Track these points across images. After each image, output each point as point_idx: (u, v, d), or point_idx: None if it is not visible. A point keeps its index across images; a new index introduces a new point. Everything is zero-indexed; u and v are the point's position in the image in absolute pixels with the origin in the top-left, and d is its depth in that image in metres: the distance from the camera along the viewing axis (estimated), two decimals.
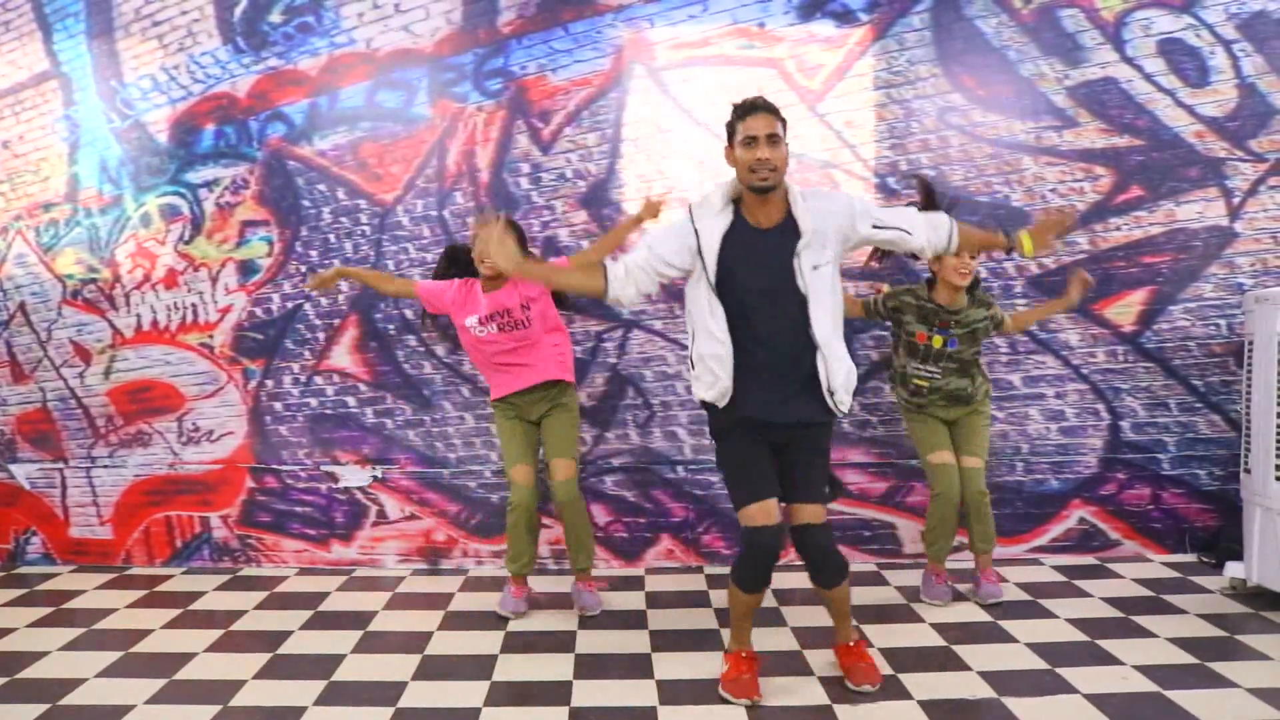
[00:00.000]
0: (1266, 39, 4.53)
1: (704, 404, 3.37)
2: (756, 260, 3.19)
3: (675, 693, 3.35)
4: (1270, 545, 3.96)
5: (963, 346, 4.08)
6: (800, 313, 3.17)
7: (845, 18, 4.66)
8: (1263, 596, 4.07)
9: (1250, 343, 4.13)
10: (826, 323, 3.18)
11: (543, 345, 4.19)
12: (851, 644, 3.43)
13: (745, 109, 3.20)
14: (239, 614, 4.31)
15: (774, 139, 3.15)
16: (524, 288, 4.09)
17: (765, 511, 3.21)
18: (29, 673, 3.68)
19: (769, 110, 3.18)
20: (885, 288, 4.36)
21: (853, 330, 4.56)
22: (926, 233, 3.34)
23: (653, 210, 4.27)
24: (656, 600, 4.33)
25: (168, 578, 4.91)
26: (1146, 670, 3.41)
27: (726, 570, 4.70)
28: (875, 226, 3.27)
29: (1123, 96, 4.62)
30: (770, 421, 3.24)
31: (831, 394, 3.22)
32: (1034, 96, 4.64)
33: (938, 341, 4.07)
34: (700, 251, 3.21)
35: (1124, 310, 4.68)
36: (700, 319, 3.25)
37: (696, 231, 3.23)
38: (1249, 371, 4.13)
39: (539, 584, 4.57)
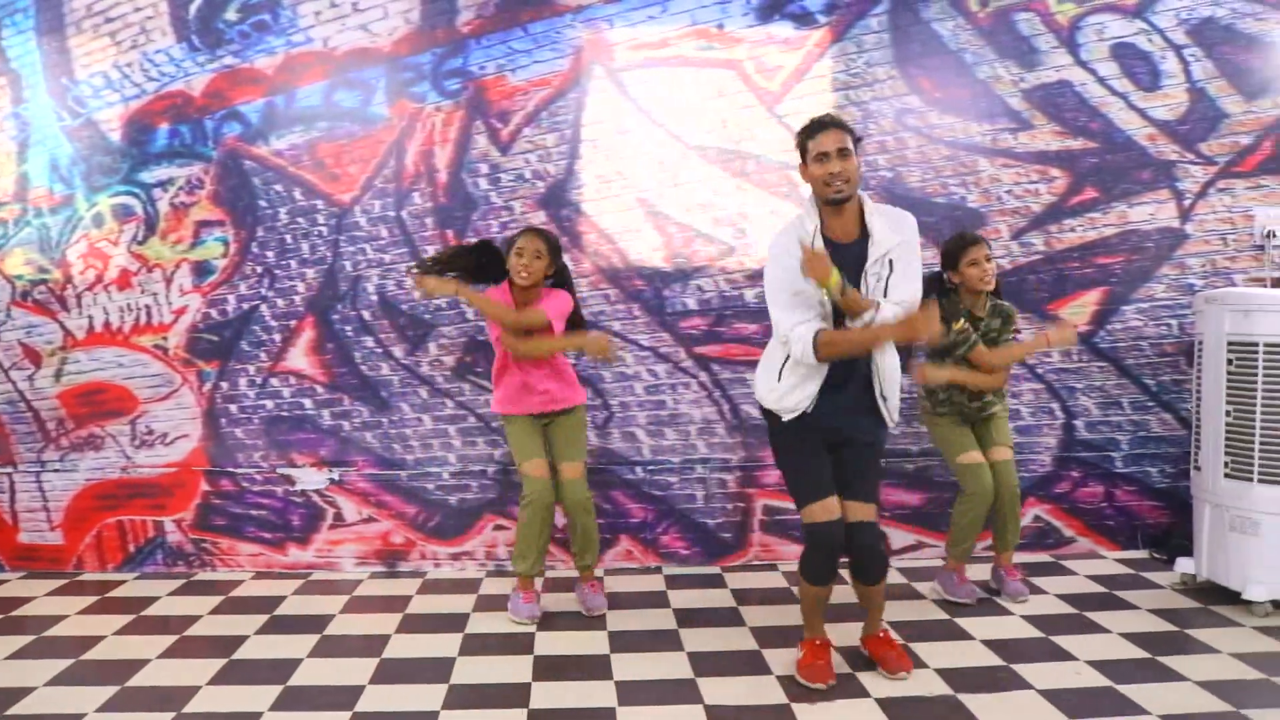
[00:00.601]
0: (1215, 44, 4.62)
1: (765, 410, 3.51)
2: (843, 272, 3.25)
3: (634, 693, 3.35)
4: (1219, 541, 4.03)
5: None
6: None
7: (804, 20, 4.69)
8: (1212, 591, 4.15)
9: (1200, 342, 4.20)
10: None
11: (564, 368, 4.21)
12: (882, 635, 3.55)
13: (814, 127, 3.28)
14: (193, 619, 4.25)
15: (844, 153, 3.21)
16: (552, 305, 4.07)
17: (826, 509, 3.32)
18: None
19: (838, 126, 3.26)
20: None
21: None
22: (893, 306, 3.30)
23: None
24: (615, 601, 4.32)
25: (120, 583, 4.83)
26: (1099, 665, 3.46)
27: (684, 571, 4.75)
28: (891, 262, 3.30)
29: (1077, 99, 4.69)
30: (827, 426, 3.37)
31: (885, 400, 3.36)
32: (990, 99, 4.70)
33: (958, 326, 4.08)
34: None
35: (1078, 310, 4.74)
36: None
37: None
38: (1199, 371, 4.20)
39: (500, 586, 4.55)
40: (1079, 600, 4.17)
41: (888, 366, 3.35)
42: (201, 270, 4.91)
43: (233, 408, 4.94)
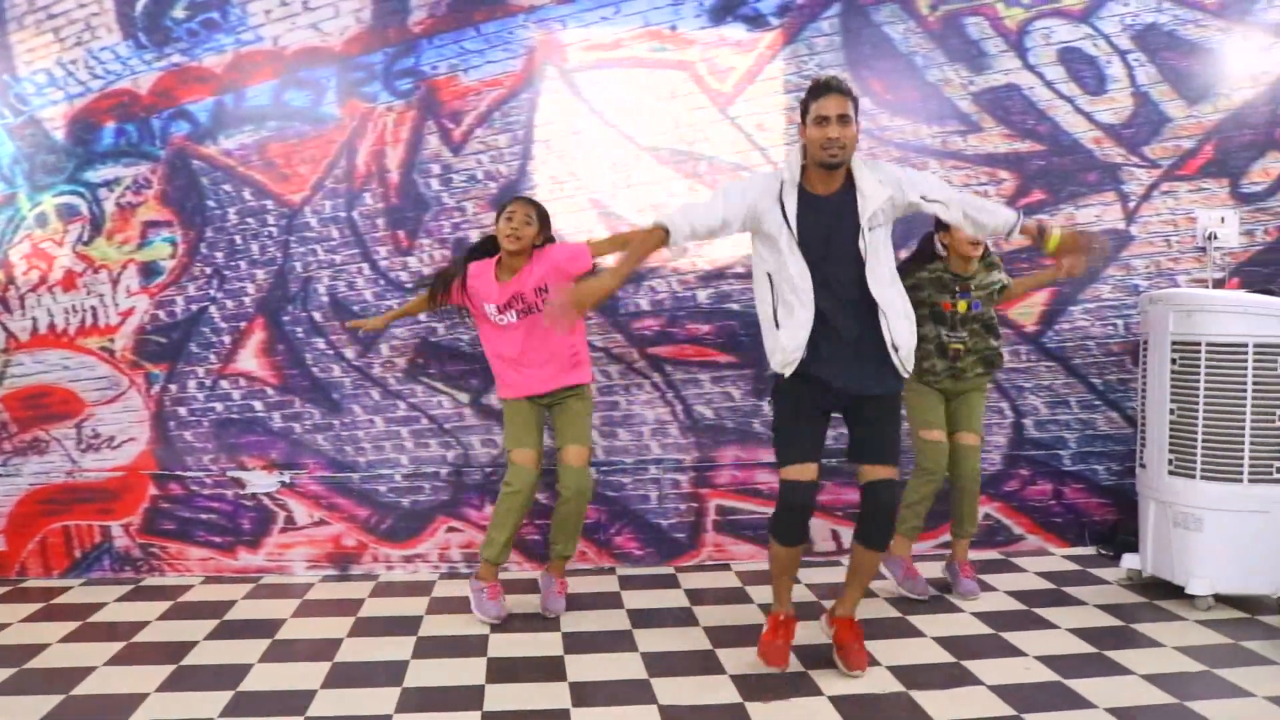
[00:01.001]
0: (1158, 50, 4.71)
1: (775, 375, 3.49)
2: (822, 222, 3.31)
3: (589, 694, 3.35)
4: (1163, 537, 4.11)
5: (985, 307, 4.19)
6: (859, 273, 3.30)
7: (756, 22, 4.71)
8: (1157, 586, 4.22)
9: (1145, 342, 4.27)
10: (885, 280, 3.33)
11: (560, 345, 4.11)
12: (855, 622, 3.55)
13: (819, 89, 3.28)
14: (141, 625, 4.18)
15: (845, 119, 3.22)
16: (540, 270, 4.04)
17: (804, 471, 3.36)
18: None
19: (841, 91, 3.26)
20: None
21: None
22: (963, 210, 3.44)
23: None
24: (570, 602, 4.29)
25: (66, 590, 4.74)
26: (1048, 660, 3.51)
27: (638, 571, 4.76)
28: (923, 198, 3.37)
29: (1025, 103, 4.76)
30: (841, 388, 3.35)
31: (896, 349, 3.34)
32: (940, 101, 4.75)
33: (963, 306, 4.14)
34: (785, 214, 3.30)
35: (1026, 311, 4.81)
36: (782, 284, 3.34)
37: (783, 196, 3.33)
38: (1144, 370, 4.27)
39: (454, 589, 4.53)
40: (1028, 597, 4.23)
41: (896, 313, 3.35)
42: (149, 271, 4.84)
43: (182, 410, 4.87)
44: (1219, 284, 4.75)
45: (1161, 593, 4.16)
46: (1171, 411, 4.06)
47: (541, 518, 4.73)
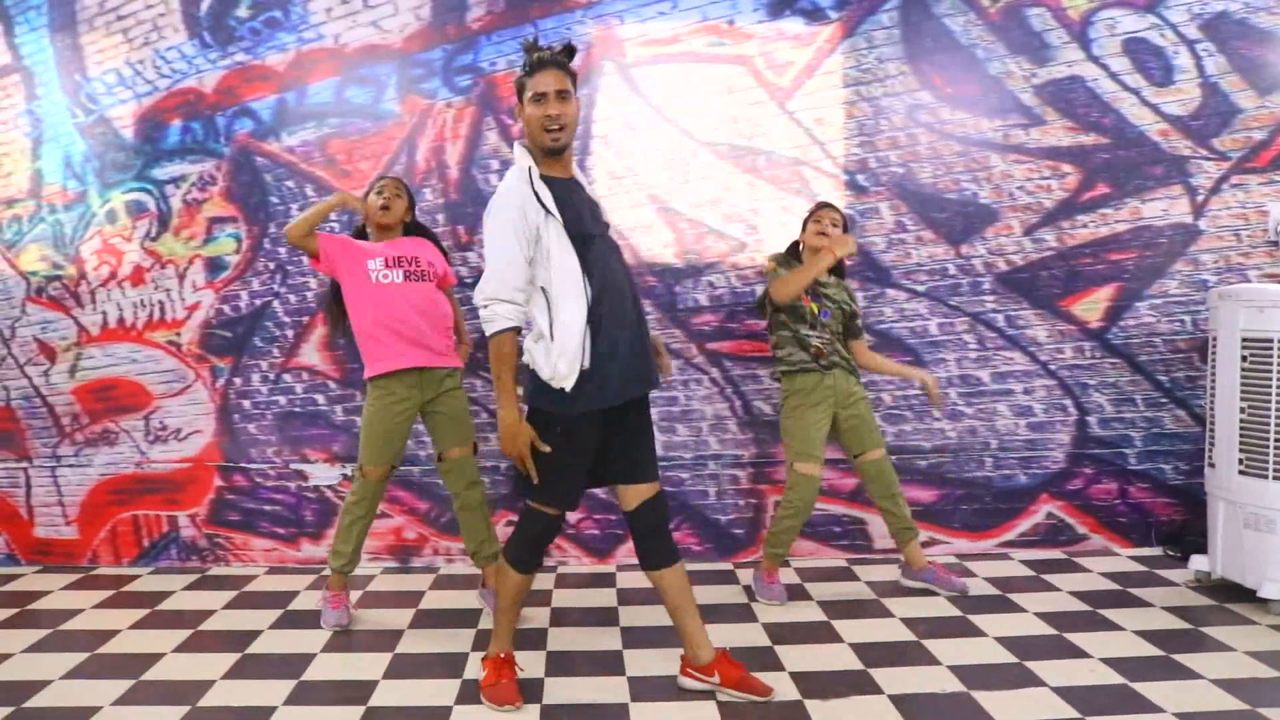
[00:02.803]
0: (1228, 39, 4.60)
1: (541, 391, 3.07)
2: (582, 204, 3.10)
3: (647, 690, 3.35)
4: (1234, 539, 4.02)
5: (832, 320, 4.17)
6: (621, 262, 3.18)
7: (815, 15, 4.68)
8: (1226, 589, 4.14)
9: (1214, 339, 4.18)
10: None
11: (442, 323, 4.08)
12: (722, 651, 3.32)
13: (534, 65, 3.05)
14: (207, 613, 4.27)
15: (563, 95, 3.01)
16: (421, 251, 4.09)
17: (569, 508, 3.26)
18: None
19: (558, 65, 3.04)
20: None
21: None
22: None
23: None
24: (627, 598, 4.33)
25: (135, 577, 4.86)
26: (1113, 663, 3.45)
27: (696, 567, 4.75)
28: None
29: (1089, 95, 4.67)
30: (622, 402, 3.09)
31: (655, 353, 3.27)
32: (1001, 94, 4.68)
33: (815, 308, 4.14)
34: (545, 207, 2.99)
35: (1090, 307, 4.73)
36: (559, 286, 2.99)
37: (537, 192, 3.01)
38: (1213, 367, 4.18)
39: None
40: (1093, 597, 4.16)
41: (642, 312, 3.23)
42: (214, 266, 4.93)
43: (246, 403, 4.95)
44: None
45: (1231, 595, 4.07)
46: (1242, 410, 3.97)
47: (600, 511, 4.76)
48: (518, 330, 3.03)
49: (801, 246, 4.23)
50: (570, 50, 3.14)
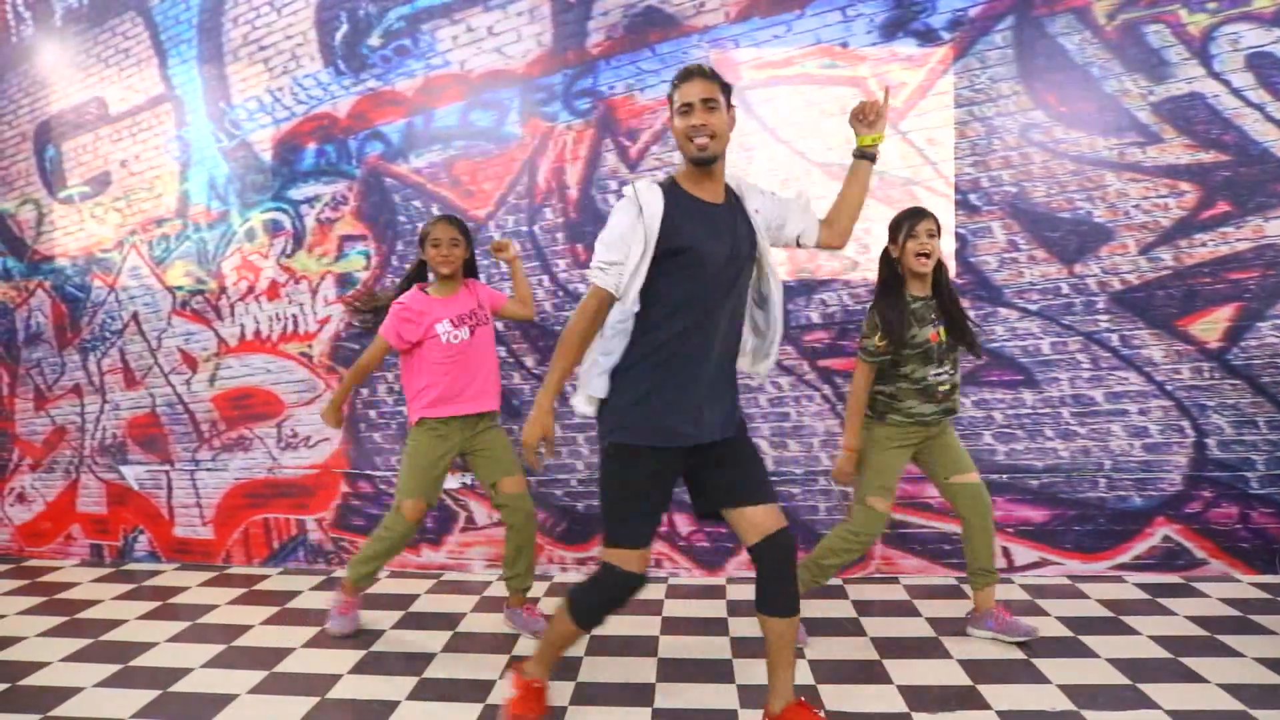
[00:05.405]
0: None
1: (600, 409, 3.00)
2: (708, 223, 2.89)
3: (756, 697, 3.42)
4: None
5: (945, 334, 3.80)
6: (738, 305, 2.99)
7: (927, 37, 4.71)
8: None
9: None
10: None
11: (495, 365, 4.17)
12: (799, 701, 3.13)
13: (680, 76, 2.92)
14: None
15: (710, 104, 2.85)
16: (479, 296, 4.15)
17: (643, 559, 3.02)
18: (140, 661, 3.91)
19: (704, 75, 2.88)
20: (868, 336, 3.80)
21: None
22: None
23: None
24: (736, 609, 4.40)
25: (265, 577, 5.11)
26: (1232, 689, 3.38)
27: None
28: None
29: (1209, 111, 4.60)
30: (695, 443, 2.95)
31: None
32: (1117, 112, 4.64)
33: (943, 333, 3.75)
34: (641, 208, 2.83)
35: (1209, 327, 4.64)
36: (648, 308, 2.88)
37: (640, 206, 2.83)
38: None
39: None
40: (1211, 623, 4.07)
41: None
42: (345, 282, 5.18)
43: (372, 413, 5.18)
44: None
45: None
46: None
47: (711, 524, 4.84)
48: (609, 302, 2.88)
49: (900, 265, 3.80)
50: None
